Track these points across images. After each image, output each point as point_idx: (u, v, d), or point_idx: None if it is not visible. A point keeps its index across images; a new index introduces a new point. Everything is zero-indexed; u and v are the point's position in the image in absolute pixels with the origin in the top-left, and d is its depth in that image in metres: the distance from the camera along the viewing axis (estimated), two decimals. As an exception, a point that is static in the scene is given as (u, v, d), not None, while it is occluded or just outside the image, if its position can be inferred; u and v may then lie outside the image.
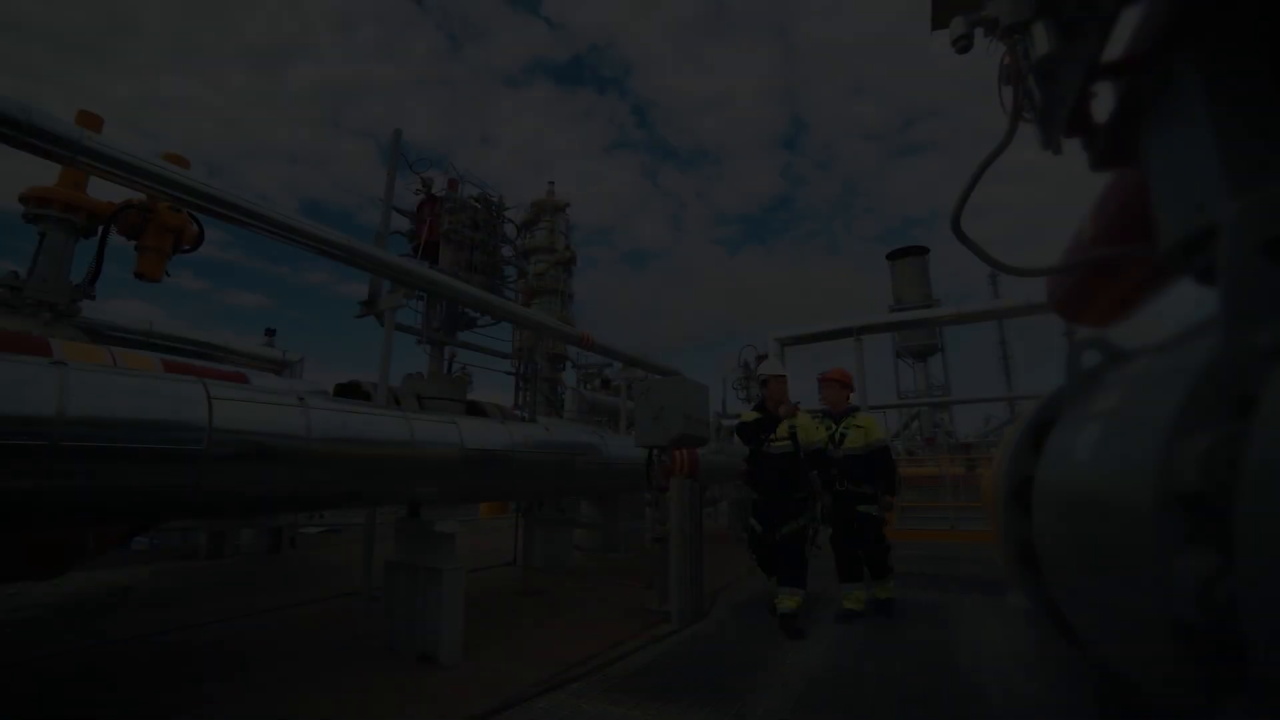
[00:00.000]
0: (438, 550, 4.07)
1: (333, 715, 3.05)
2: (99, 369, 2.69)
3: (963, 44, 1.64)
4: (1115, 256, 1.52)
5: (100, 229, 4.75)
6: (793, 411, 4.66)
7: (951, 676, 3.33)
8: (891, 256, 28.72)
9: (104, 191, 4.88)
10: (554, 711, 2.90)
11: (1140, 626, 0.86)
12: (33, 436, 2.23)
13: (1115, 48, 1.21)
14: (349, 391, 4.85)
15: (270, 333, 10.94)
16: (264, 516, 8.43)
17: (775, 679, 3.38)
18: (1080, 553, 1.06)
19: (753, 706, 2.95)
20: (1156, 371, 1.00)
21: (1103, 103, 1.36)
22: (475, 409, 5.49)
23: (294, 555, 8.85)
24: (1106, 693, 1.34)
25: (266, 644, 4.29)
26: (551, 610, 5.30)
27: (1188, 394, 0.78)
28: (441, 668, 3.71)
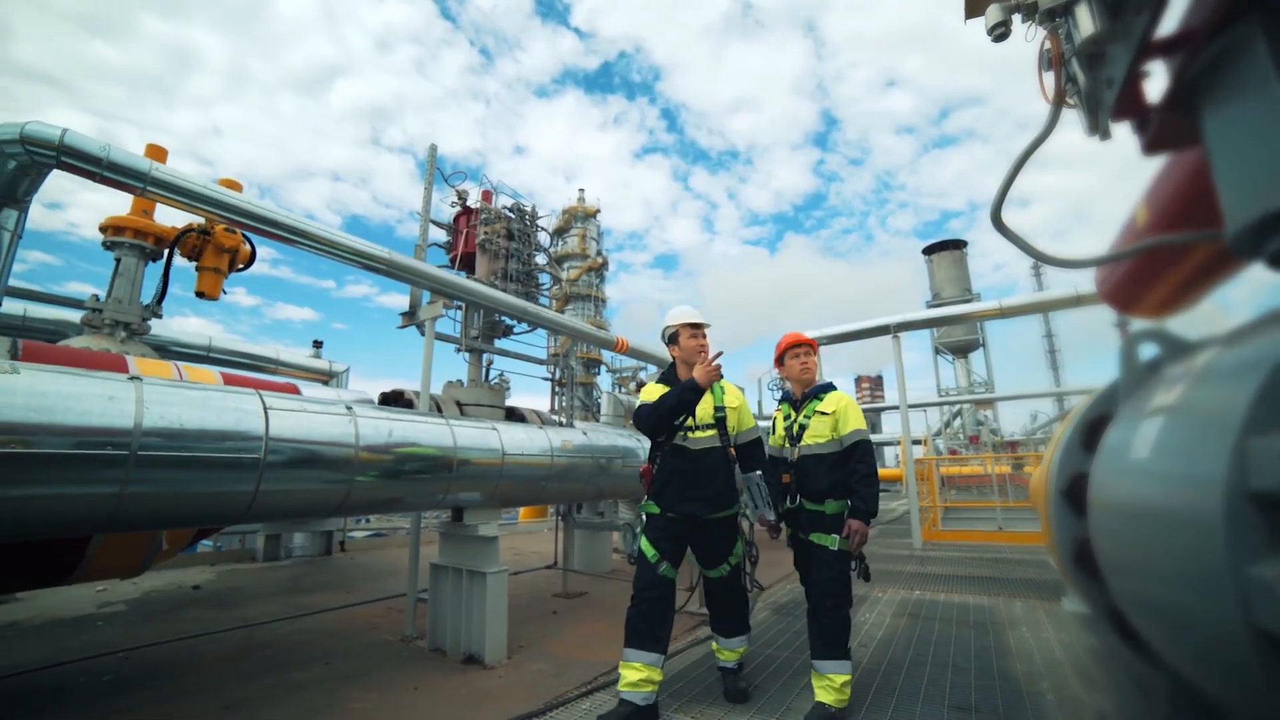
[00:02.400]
0: (481, 554, 4.16)
1: (384, 712, 3.16)
2: (169, 383, 2.87)
3: (999, 32, 1.60)
4: (1175, 243, 1.46)
5: (166, 252, 5.06)
6: (714, 376, 2.93)
7: (1007, 685, 3.21)
8: (928, 251, 27.92)
9: (167, 217, 5.20)
10: (598, 713, 2.92)
11: (1216, 636, 0.81)
12: (116, 446, 2.39)
13: (1169, 23, 1.17)
14: (393, 400, 5.01)
15: (318, 345, 11.38)
16: (315, 521, 8.77)
17: (821, 683, 3.32)
18: (1145, 556, 1.01)
19: (798, 711, 2.91)
20: (1225, 364, 0.95)
21: (1155, 83, 1.30)
22: (514, 415, 5.59)
23: (344, 558, 9.17)
24: (1181, 706, 1.27)
25: (322, 642, 4.46)
26: (592, 612, 5.34)
27: (1262, 388, 0.74)
28: (487, 668, 3.79)
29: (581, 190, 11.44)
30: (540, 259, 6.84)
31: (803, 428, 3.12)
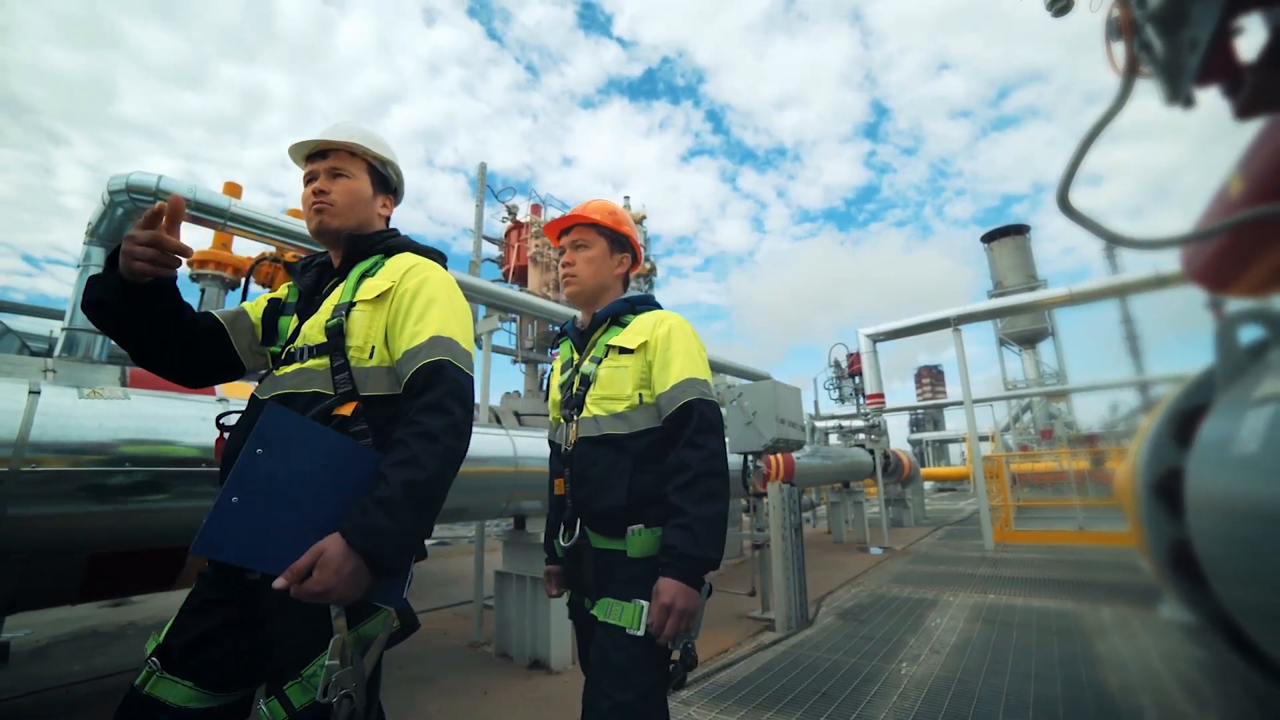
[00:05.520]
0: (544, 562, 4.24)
1: (458, 715, 3.26)
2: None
3: (1060, 6, 1.52)
4: (1277, 214, 1.34)
5: (243, 281, 5.47)
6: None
7: (1098, 698, 3.00)
8: (987, 239, 26.66)
9: (242, 247, 5.61)
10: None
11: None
12: (209, 464, 2.59)
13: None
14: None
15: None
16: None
17: (890, 690, 3.21)
18: (1263, 561, 0.93)
19: (867, 719, 2.82)
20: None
21: (1250, 39, 1.20)
22: (567, 422, 5.69)
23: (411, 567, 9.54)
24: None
25: (395, 647, 4.66)
26: (652, 618, 5.34)
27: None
28: (552, 673, 3.85)
29: (627, 197, 11.57)
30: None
31: (585, 384, 1.57)
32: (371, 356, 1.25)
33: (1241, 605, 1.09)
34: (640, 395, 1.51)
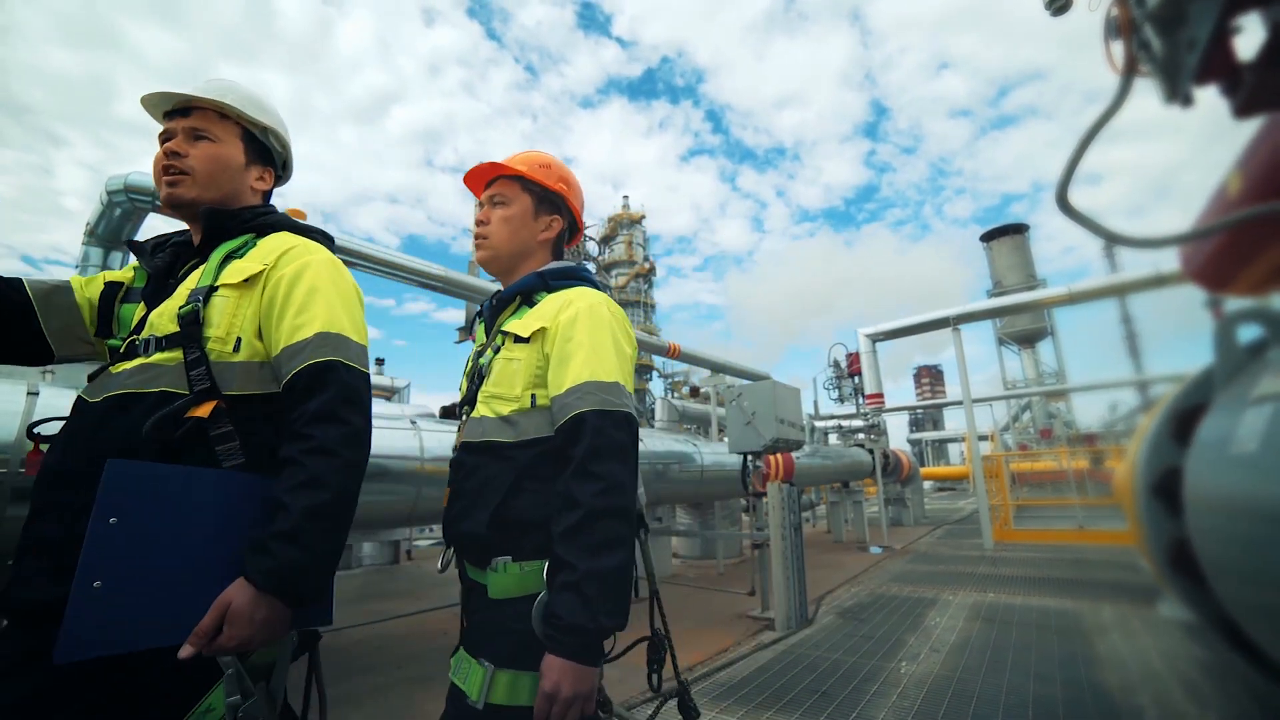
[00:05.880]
0: (541, 560, 4.25)
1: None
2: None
3: (1058, 5, 1.52)
4: (1276, 212, 1.34)
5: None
6: None
7: (1097, 696, 3.01)
8: (986, 238, 26.68)
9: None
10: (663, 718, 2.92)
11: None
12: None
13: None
14: (453, 413, 5.20)
15: (379, 362, 11.96)
16: (384, 531, 9.17)
17: (890, 689, 3.21)
18: (1263, 560, 0.93)
19: (867, 718, 2.82)
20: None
21: (1248, 38, 1.20)
22: (567, 422, 5.69)
23: (412, 566, 9.53)
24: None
25: (394, 648, 4.66)
26: (652, 618, 5.34)
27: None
28: (552, 673, 3.85)
29: (626, 197, 11.62)
30: (589, 268, 6.97)
31: (480, 377, 1.26)
32: (238, 350, 1.04)
33: (1240, 603, 1.10)
34: (533, 396, 1.14)
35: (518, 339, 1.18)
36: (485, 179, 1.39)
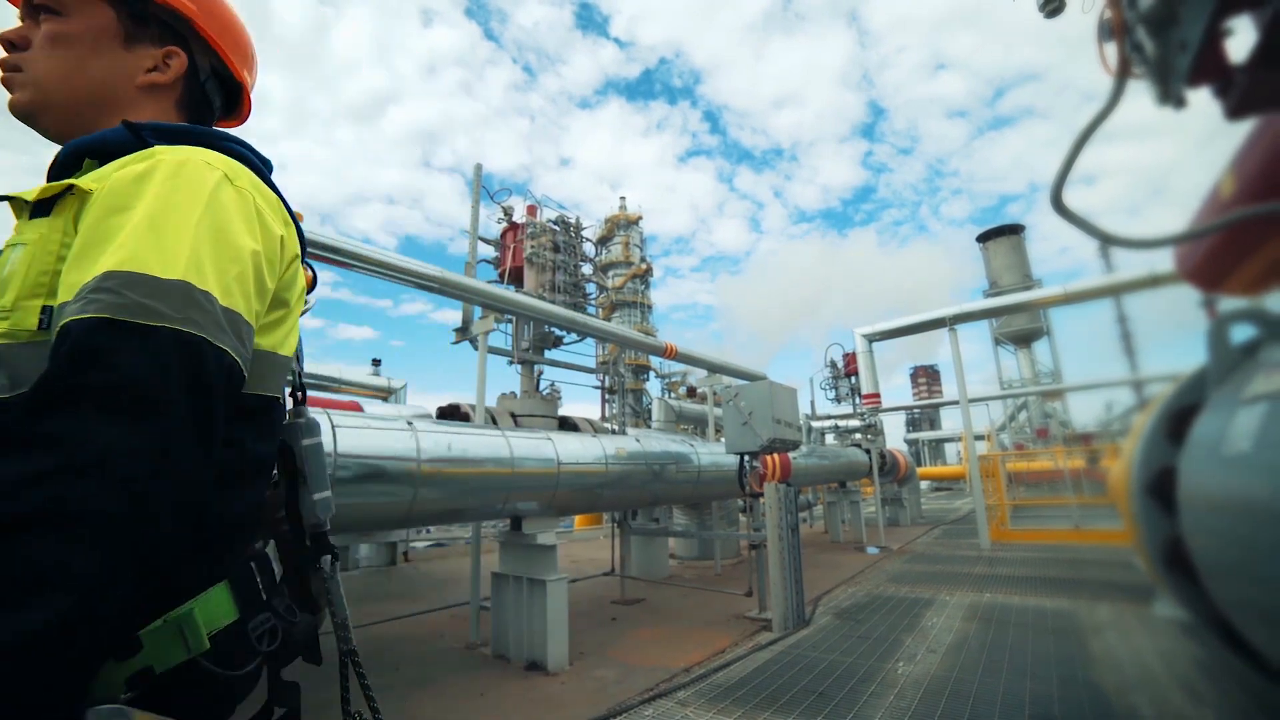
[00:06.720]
0: (541, 562, 4.23)
1: (454, 717, 3.25)
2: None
3: (1053, 7, 1.52)
4: (1268, 213, 1.35)
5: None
6: None
7: (1093, 696, 3.02)
8: (983, 238, 26.76)
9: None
10: (661, 719, 2.92)
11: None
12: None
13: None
14: (450, 414, 5.18)
15: (376, 363, 11.92)
16: (381, 533, 9.15)
17: (887, 689, 3.22)
18: (1254, 558, 0.94)
19: (864, 718, 2.82)
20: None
21: (1239, 40, 1.21)
22: (567, 424, 5.68)
23: (408, 568, 9.51)
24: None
25: (391, 649, 4.64)
26: (651, 618, 5.34)
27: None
28: (549, 675, 3.84)
29: (623, 198, 11.59)
30: (586, 269, 6.97)
31: None
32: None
33: (1233, 601, 1.10)
34: (46, 312, 0.60)
35: (37, 210, 0.64)
36: None
